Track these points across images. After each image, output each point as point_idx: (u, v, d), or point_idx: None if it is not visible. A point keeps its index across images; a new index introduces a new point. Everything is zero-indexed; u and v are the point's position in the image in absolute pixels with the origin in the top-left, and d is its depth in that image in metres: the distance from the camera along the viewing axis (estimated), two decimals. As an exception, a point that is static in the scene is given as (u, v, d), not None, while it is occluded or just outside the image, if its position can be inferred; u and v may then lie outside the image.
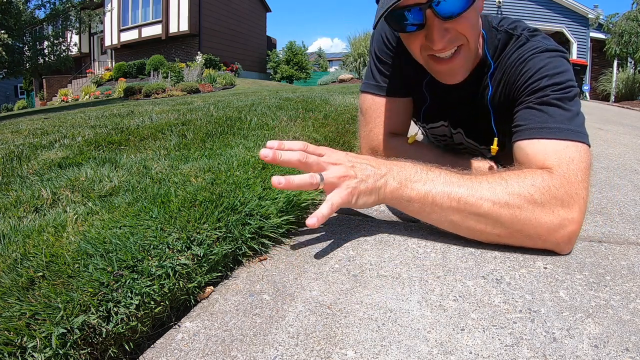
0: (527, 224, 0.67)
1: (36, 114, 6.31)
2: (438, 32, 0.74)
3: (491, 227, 0.69)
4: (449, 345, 0.49)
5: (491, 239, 0.72)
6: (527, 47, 0.83)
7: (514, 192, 0.67)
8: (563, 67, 0.78)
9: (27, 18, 8.67)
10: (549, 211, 0.66)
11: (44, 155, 1.46)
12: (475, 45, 0.81)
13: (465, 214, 0.69)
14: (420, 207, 0.72)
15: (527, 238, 0.69)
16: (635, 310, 0.55)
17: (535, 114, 0.76)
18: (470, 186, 0.69)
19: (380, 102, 1.03)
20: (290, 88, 8.78)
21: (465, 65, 0.82)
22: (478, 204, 0.68)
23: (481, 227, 0.70)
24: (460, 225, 0.71)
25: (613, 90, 11.16)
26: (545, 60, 0.79)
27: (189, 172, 1.01)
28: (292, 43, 18.64)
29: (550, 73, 0.76)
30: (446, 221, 0.72)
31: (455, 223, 0.71)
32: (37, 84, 17.19)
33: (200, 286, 0.63)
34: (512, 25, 0.88)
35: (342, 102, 2.90)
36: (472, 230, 0.71)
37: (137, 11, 15.67)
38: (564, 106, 0.74)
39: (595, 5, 12.43)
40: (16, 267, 0.57)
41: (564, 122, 0.73)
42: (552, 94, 0.75)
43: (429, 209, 0.71)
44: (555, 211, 0.66)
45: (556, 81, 0.75)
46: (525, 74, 0.79)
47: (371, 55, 1.05)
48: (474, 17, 0.76)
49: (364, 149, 1.12)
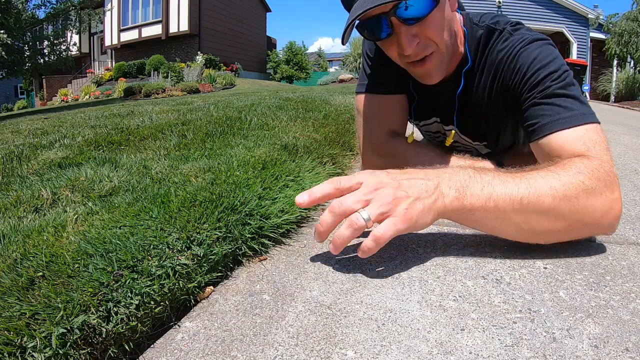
0: (585, 211, 0.65)
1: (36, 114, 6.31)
2: (405, 37, 0.75)
3: (553, 221, 0.65)
4: (449, 345, 0.49)
5: (550, 237, 0.68)
6: (513, 40, 0.84)
7: (568, 182, 0.65)
8: (553, 55, 0.79)
9: (27, 18, 8.67)
10: (598, 195, 0.65)
11: (44, 155, 1.46)
12: (447, 47, 0.81)
13: (528, 213, 0.64)
14: (482, 214, 0.65)
15: (585, 227, 0.67)
16: (635, 310, 0.55)
17: (545, 109, 0.76)
18: (528, 184, 0.65)
19: (376, 101, 1.03)
20: (290, 88, 8.78)
21: (440, 67, 0.83)
22: (540, 201, 0.64)
23: (544, 225, 0.65)
24: (522, 227, 0.66)
25: (613, 90, 11.16)
26: (535, 52, 0.80)
27: (189, 172, 1.01)
28: (292, 43, 18.64)
29: (543, 63, 0.77)
30: (510, 224, 0.66)
31: (519, 225, 0.66)
32: (37, 84, 17.19)
33: (200, 286, 0.63)
34: (494, 20, 0.89)
35: (342, 102, 2.90)
36: (533, 230, 0.66)
37: (137, 11, 15.66)
38: (567, 93, 0.75)
39: (595, 5, 12.43)
40: (16, 267, 0.57)
41: (573, 108, 0.73)
42: (553, 84, 0.75)
43: (491, 215, 0.65)
44: (603, 193, 0.66)
45: (551, 70, 0.77)
46: (520, 69, 0.80)
47: (363, 56, 1.06)
48: (440, 19, 0.77)
49: (363, 150, 1.12)
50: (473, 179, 0.66)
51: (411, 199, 0.63)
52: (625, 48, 9.79)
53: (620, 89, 10.73)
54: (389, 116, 1.04)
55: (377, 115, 1.04)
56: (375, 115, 1.04)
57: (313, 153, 1.22)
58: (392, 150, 1.05)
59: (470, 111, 0.97)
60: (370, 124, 1.05)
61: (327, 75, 13.41)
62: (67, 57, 9.77)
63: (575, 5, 11.91)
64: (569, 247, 0.76)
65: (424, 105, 1.04)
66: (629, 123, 3.84)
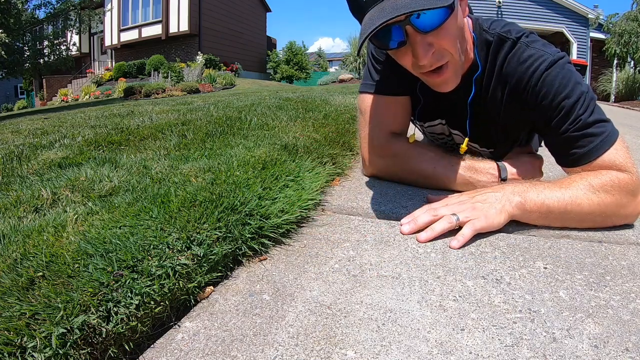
0: (614, 215, 0.82)
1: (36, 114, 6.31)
2: (421, 47, 0.74)
3: (591, 221, 0.82)
4: (449, 345, 0.49)
5: (590, 225, 0.83)
6: (533, 58, 0.84)
7: (599, 183, 0.79)
8: (574, 77, 0.83)
9: (27, 18, 8.67)
10: (628, 203, 0.81)
11: (44, 155, 1.46)
12: (461, 55, 0.81)
13: (571, 214, 0.80)
14: (538, 215, 0.81)
15: (614, 220, 0.83)
16: (635, 310, 0.55)
17: (580, 141, 0.83)
18: (568, 189, 0.80)
19: (380, 102, 1.03)
20: (290, 88, 8.78)
21: (456, 75, 0.84)
22: (578, 202, 0.79)
23: (584, 219, 0.81)
24: (567, 223, 0.82)
25: (613, 90, 11.16)
26: (559, 76, 0.83)
27: (189, 172, 1.01)
28: (292, 43, 18.64)
29: (568, 91, 0.81)
30: (557, 222, 0.82)
31: (565, 221, 0.82)
32: (37, 84, 17.19)
33: (200, 286, 0.63)
34: (505, 28, 0.88)
35: (342, 102, 2.90)
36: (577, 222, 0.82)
37: (137, 11, 15.66)
38: (595, 119, 0.81)
39: (595, 5, 12.45)
40: (16, 267, 0.57)
41: (602, 132, 0.82)
42: (582, 116, 0.81)
43: (546, 216, 0.81)
44: (631, 201, 0.81)
45: (577, 97, 0.81)
46: (546, 95, 0.83)
47: (368, 56, 1.06)
48: (454, 27, 0.76)
49: (364, 150, 1.11)
50: (531, 187, 0.82)
51: (486, 205, 0.80)
52: (625, 48, 9.79)
53: (620, 89, 10.74)
54: (393, 117, 1.04)
55: (381, 115, 1.04)
56: (378, 116, 1.04)
57: (313, 153, 1.22)
58: (394, 150, 1.05)
59: (480, 119, 0.97)
60: (373, 124, 1.05)
61: (327, 75, 13.41)
62: (67, 57, 9.77)
63: (575, 5, 11.91)
64: (569, 247, 0.76)
65: (430, 107, 1.04)
66: (629, 123, 3.84)
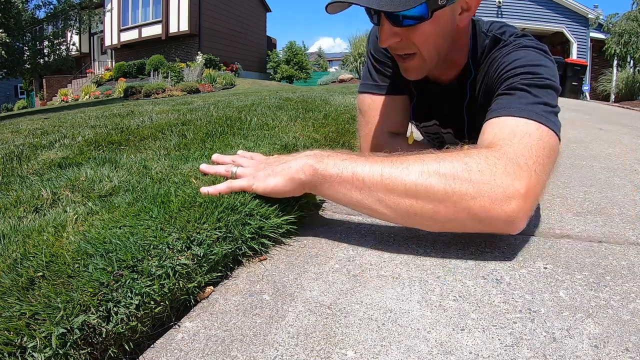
0: (466, 196, 0.59)
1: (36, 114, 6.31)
2: (385, 33, 0.77)
3: (423, 202, 0.60)
4: (449, 345, 0.49)
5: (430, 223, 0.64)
6: (508, 45, 0.84)
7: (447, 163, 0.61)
8: (540, 61, 0.76)
9: (27, 18, 8.67)
10: (487, 180, 0.59)
11: (44, 155, 1.46)
12: (433, 58, 0.81)
13: (392, 188, 0.62)
14: (341, 185, 0.65)
15: (469, 216, 0.60)
16: (635, 310, 0.55)
17: (501, 99, 0.73)
18: (395, 162, 0.63)
19: (379, 101, 1.03)
20: (290, 88, 8.78)
21: (419, 70, 0.84)
22: (403, 175, 0.61)
23: (413, 205, 0.61)
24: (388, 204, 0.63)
25: (613, 90, 11.16)
26: (521, 54, 0.78)
27: (189, 172, 1.01)
28: (293, 43, 18.64)
29: (523, 64, 0.75)
30: (374, 200, 0.64)
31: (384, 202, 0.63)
32: (37, 84, 17.18)
33: (200, 286, 0.63)
34: (501, 30, 0.88)
35: (342, 102, 2.90)
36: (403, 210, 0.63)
37: (137, 11, 15.66)
38: (531, 91, 0.71)
39: (595, 5, 12.43)
40: (16, 267, 0.57)
41: (528, 104, 0.68)
42: (521, 80, 0.72)
43: (351, 186, 0.64)
44: (498, 179, 0.59)
45: (529, 71, 0.73)
46: (500, 65, 0.79)
47: (368, 56, 1.06)
48: (429, 31, 0.76)
49: (364, 149, 1.12)
50: (340, 154, 0.69)
51: (270, 167, 0.76)
52: (625, 48, 9.79)
53: (620, 89, 10.73)
54: (392, 117, 1.04)
55: (380, 115, 1.04)
56: (377, 115, 1.04)
57: (313, 153, 1.21)
58: (393, 150, 1.05)
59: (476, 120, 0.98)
60: (373, 123, 1.05)
61: (327, 75, 13.40)
62: (67, 57, 9.78)
63: (575, 5, 11.91)
64: (569, 247, 0.76)
65: (425, 107, 1.04)
66: (629, 123, 3.84)
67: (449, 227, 0.65)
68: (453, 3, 0.75)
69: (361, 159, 0.66)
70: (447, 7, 0.74)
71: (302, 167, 0.69)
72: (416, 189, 0.60)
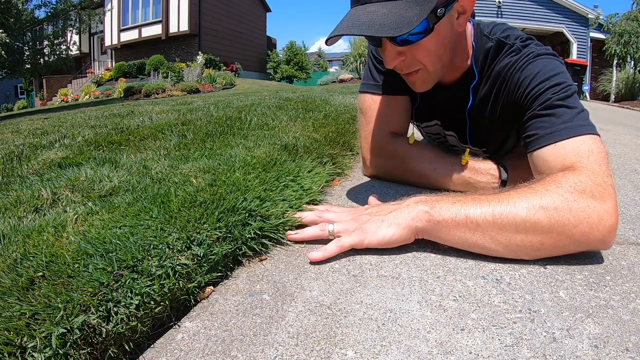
0: (567, 224, 0.63)
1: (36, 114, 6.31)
2: (389, 54, 0.78)
3: (532, 236, 0.65)
4: (449, 345, 0.49)
5: (535, 253, 0.67)
6: (520, 55, 0.83)
7: (547, 197, 0.65)
8: (557, 69, 0.79)
9: (27, 18, 8.67)
10: (583, 207, 0.63)
11: (44, 155, 1.46)
12: (439, 68, 0.81)
13: (503, 226, 0.65)
14: (456, 228, 0.67)
15: (571, 241, 0.65)
16: (635, 310, 0.55)
17: (543, 121, 0.76)
18: (502, 201, 0.66)
19: (380, 101, 1.03)
20: (290, 88, 8.78)
21: (425, 83, 0.84)
22: (513, 214, 0.64)
23: (523, 239, 0.65)
24: (501, 240, 0.66)
25: (613, 90, 11.17)
26: (539, 65, 0.80)
27: (189, 172, 1.01)
28: (293, 43, 18.64)
29: (547, 76, 0.77)
30: (487, 239, 0.66)
31: (496, 239, 0.66)
32: (37, 84, 17.18)
33: (200, 286, 0.63)
34: (505, 33, 0.88)
35: (342, 102, 2.90)
36: (514, 245, 0.66)
37: (137, 11, 15.66)
38: (567, 104, 0.75)
39: (595, 5, 12.45)
40: (16, 267, 0.57)
41: (572, 119, 0.73)
42: (554, 97, 0.75)
43: (465, 229, 0.67)
44: (590, 205, 0.64)
45: (554, 83, 0.76)
46: (524, 82, 0.80)
47: (369, 56, 1.06)
48: (432, 45, 0.76)
49: (364, 150, 1.12)
50: (446, 197, 0.70)
51: (373, 219, 0.73)
52: (625, 48, 9.80)
53: (620, 89, 10.74)
54: (393, 117, 1.04)
55: (381, 115, 1.04)
56: (379, 115, 1.04)
57: (313, 153, 1.22)
58: (394, 150, 1.05)
59: (480, 125, 0.98)
60: (374, 123, 1.05)
61: (327, 75, 13.41)
62: (67, 57, 9.78)
63: (575, 5, 11.91)
64: (569, 247, 0.76)
65: (427, 107, 1.04)
66: (629, 123, 3.84)
67: (551, 253, 0.68)
68: (450, 11, 0.75)
69: (469, 201, 0.68)
70: (445, 16, 0.74)
71: (417, 215, 0.69)
72: (525, 225, 0.64)
